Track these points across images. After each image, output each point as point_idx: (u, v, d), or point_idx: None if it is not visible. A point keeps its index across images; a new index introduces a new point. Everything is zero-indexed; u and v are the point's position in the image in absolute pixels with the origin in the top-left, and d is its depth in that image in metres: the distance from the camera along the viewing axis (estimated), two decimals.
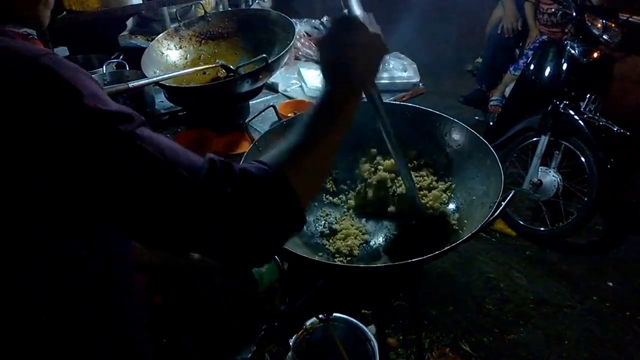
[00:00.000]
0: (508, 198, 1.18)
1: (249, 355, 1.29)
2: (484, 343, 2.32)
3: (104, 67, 1.95)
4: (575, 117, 2.80)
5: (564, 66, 2.94)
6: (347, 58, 0.79)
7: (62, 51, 2.41)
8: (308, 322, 1.58)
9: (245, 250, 0.65)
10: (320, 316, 1.44)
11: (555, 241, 2.93)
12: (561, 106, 2.84)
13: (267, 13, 1.99)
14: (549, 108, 2.87)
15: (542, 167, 2.92)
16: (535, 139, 2.94)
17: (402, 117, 1.50)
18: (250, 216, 0.63)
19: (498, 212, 1.14)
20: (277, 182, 0.66)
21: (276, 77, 2.15)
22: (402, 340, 2.29)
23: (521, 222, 3.01)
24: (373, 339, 1.58)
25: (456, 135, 1.46)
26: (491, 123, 3.61)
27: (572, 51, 2.90)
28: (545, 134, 2.87)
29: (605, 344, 2.32)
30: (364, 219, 1.42)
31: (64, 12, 1.82)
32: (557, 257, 2.87)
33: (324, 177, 0.76)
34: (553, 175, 2.89)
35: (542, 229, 2.94)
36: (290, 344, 1.50)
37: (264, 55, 1.62)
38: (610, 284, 2.66)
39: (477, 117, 3.99)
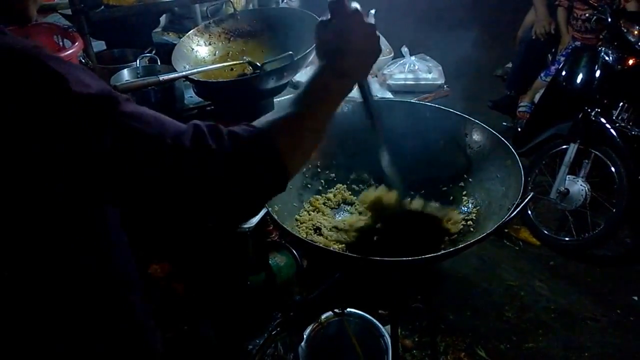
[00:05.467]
0: (526, 200, 1.17)
1: (262, 341, 1.32)
2: (501, 350, 2.29)
3: (138, 60, 2.02)
4: (607, 125, 2.75)
5: (597, 73, 2.88)
6: (342, 43, 0.82)
7: (100, 45, 2.51)
8: (323, 316, 1.61)
9: (232, 204, 0.69)
10: (336, 310, 1.46)
11: (581, 252, 2.87)
12: (592, 114, 2.78)
13: (294, 12, 2.03)
14: (580, 115, 2.81)
15: (570, 176, 2.87)
16: (564, 146, 2.89)
17: (423, 116, 1.51)
18: (235, 172, 0.67)
19: (515, 213, 1.14)
20: (263, 141, 0.70)
21: (301, 76, 2.18)
22: (417, 341, 2.29)
23: (546, 232, 2.95)
24: (387, 335, 1.59)
25: (477, 136, 1.46)
26: (519, 129, 3.56)
27: (606, 58, 2.84)
28: (574, 142, 2.81)
29: (628, 358, 2.26)
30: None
31: (102, 7, 1.89)
32: (581, 268, 2.81)
33: (312, 147, 0.79)
34: (581, 185, 2.83)
35: (567, 239, 2.88)
36: (305, 335, 1.52)
37: (291, 52, 1.66)
38: (636, 297, 2.59)
39: (505, 123, 3.94)
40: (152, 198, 0.66)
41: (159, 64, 2.05)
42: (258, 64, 1.77)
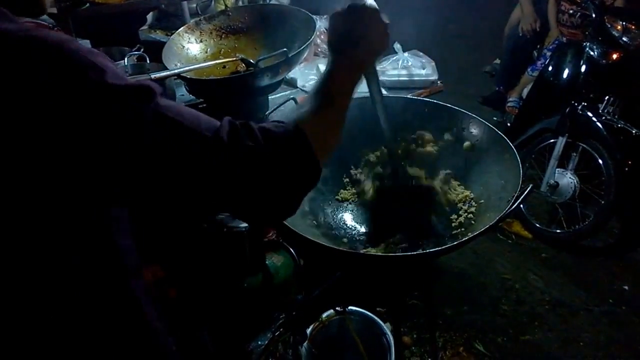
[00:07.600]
0: (526, 191, 1.18)
1: (265, 342, 1.30)
2: (498, 343, 2.30)
3: (126, 59, 1.97)
4: (593, 118, 2.77)
5: (583, 68, 2.90)
6: (356, 36, 0.86)
7: (85, 43, 2.45)
8: (324, 315, 1.59)
9: (267, 203, 0.69)
10: (337, 308, 1.44)
11: (572, 244, 2.90)
12: (579, 108, 2.81)
13: (287, 8, 2.01)
14: (567, 110, 2.84)
15: (559, 169, 2.89)
16: (552, 140, 2.92)
17: (420, 111, 1.51)
18: (273, 169, 0.67)
19: (515, 205, 1.14)
20: (295, 136, 0.71)
21: (295, 73, 2.16)
22: (416, 338, 2.28)
23: (537, 225, 2.98)
24: (388, 332, 1.58)
25: (474, 130, 1.47)
26: (509, 124, 3.58)
27: (591, 53, 2.87)
28: (562, 135, 2.83)
29: (621, 347, 2.29)
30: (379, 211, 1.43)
31: (87, 4, 1.85)
32: (573, 259, 2.84)
33: (336, 139, 0.81)
34: (570, 177, 2.86)
35: (558, 231, 2.91)
36: (307, 334, 1.50)
37: (285, 49, 1.64)
38: (626, 287, 2.62)
39: (495, 118, 3.96)
40: (184, 194, 0.65)
41: (148, 62, 2.02)
42: (252, 61, 1.75)
